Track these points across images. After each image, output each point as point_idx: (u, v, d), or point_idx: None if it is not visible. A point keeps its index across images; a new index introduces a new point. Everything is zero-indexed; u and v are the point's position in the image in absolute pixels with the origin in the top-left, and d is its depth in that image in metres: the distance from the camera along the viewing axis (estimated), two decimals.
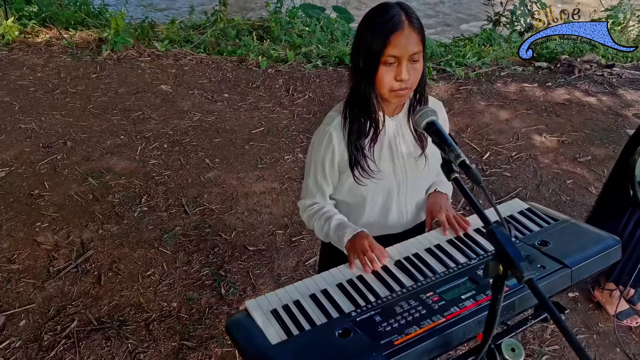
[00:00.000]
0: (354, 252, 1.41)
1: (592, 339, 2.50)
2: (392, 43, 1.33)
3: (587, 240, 1.44)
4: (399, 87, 1.39)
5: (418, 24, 1.37)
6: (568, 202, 3.49)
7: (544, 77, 5.47)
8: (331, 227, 1.54)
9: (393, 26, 1.33)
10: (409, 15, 1.36)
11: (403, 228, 1.66)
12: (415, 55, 1.37)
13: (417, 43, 1.36)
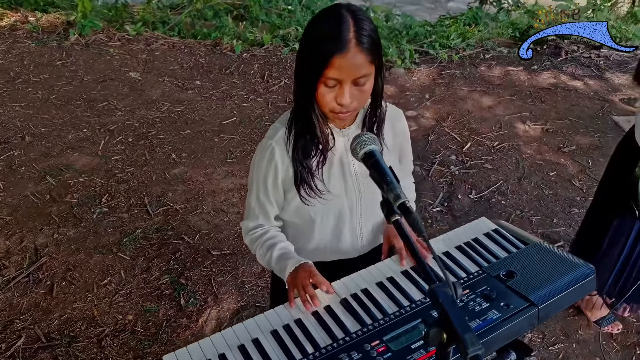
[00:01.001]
0: (294, 287, 1.25)
1: (572, 348, 2.38)
2: (334, 65, 1.13)
3: (558, 270, 1.28)
4: (339, 110, 1.20)
5: (369, 43, 1.15)
6: (551, 196, 3.34)
7: (531, 60, 5.26)
8: (273, 257, 1.37)
9: (335, 46, 1.12)
10: (359, 31, 1.14)
11: (358, 253, 1.48)
12: (361, 79, 1.17)
13: (365, 65, 1.16)
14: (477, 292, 1.22)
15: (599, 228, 2.19)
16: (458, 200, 3.32)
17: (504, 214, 3.20)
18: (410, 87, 4.73)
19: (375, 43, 1.18)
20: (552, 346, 2.37)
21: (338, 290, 1.26)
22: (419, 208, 3.26)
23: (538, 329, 2.45)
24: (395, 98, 4.54)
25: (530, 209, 3.23)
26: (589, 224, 2.33)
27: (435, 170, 3.60)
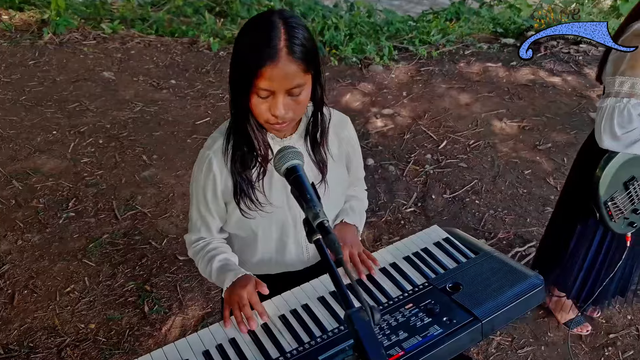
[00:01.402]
0: (229, 305, 1.20)
1: (540, 351, 2.35)
2: (264, 75, 1.08)
3: (506, 281, 1.24)
4: (275, 122, 1.15)
5: (302, 52, 1.09)
6: (525, 195, 3.31)
7: (509, 56, 5.24)
8: (213, 269, 1.32)
9: (265, 56, 1.07)
10: (290, 39, 1.08)
11: (304, 265, 1.44)
12: (295, 90, 1.12)
13: (298, 75, 1.10)
14: (420, 306, 1.18)
15: (563, 232, 2.16)
16: (432, 200, 3.29)
17: (477, 214, 3.17)
18: (388, 84, 4.69)
19: (310, 51, 1.12)
20: (521, 349, 2.34)
21: (278, 305, 1.22)
22: (392, 209, 3.22)
23: (506, 332, 2.42)
24: (373, 96, 4.49)
25: (504, 209, 3.20)
26: (554, 227, 2.30)
27: (410, 170, 3.56)
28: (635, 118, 1.71)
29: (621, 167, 1.82)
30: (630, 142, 1.74)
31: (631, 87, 1.69)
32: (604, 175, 1.81)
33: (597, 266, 2.11)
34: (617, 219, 1.89)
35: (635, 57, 1.68)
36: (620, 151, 1.79)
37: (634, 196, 1.88)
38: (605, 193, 1.84)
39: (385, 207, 3.24)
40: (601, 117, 1.76)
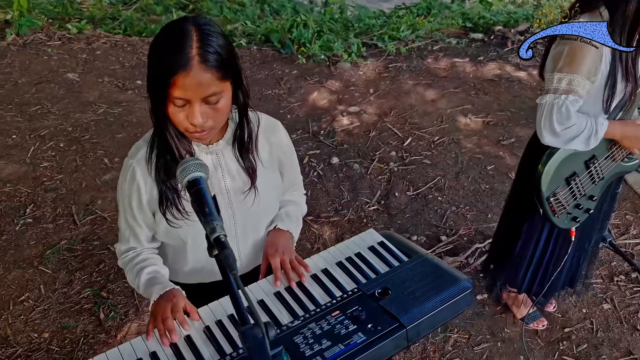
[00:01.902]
0: (154, 320, 1.18)
1: (496, 347, 2.37)
2: (177, 84, 1.06)
3: (435, 286, 1.24)
4: (194, 130, 1.13)
5: (216, 60, 1.07)
6: (487, 190, 3.33)
7: (477, 51, 5.26)
8: (141, 282, 1.29)
9: (177, 65, 1.04)
10: (204, 47, 1.06)
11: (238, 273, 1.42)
12: (211, 98, 1.10)
13: (214, 83, 1.08)
14: (347, 313, 1.18)
15: (512, 228, 2.17)
16: (395, 198, 3.29)
17: (439, 211, 3.18)
18: (356, 81, 4.68)
19: (226, 59, 1.10)
20: (477, 346, 2.36)
21: (203, 316, 1.20)
22: (356, 207, 3.22)
23: (464, 329, 2.43)
24: (340, 93, 4.48)
25: (466, 205, 3.22)
26: (504, 223, 2.31)
27: (375, 168, 3.56)
28: (574, 114, 1.72)
29: (562, 163, 1.83)
30: (570, 138, 1.75)
31: (569, 84, 1.70)
32: (545, 171, 1.83)
33: (545, 261, 2.13)
34: (560, 214, 1.91)
35: (572, 53, 1.69)
36: (560, 147, 1.80)
37: (576, 191, 1.89)
38: (548, 189, 1.85)
39: (348, 206, 3.23)
40: (541, 114, 1.77)
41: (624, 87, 1.74)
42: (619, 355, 2.32)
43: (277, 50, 5.24)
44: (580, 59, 1.67)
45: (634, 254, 2.84)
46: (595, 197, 1.93)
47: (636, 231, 2.99)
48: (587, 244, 2.23)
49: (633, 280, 2.68)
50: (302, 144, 3.80)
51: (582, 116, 1.75)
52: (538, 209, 1.92)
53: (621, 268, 2.74)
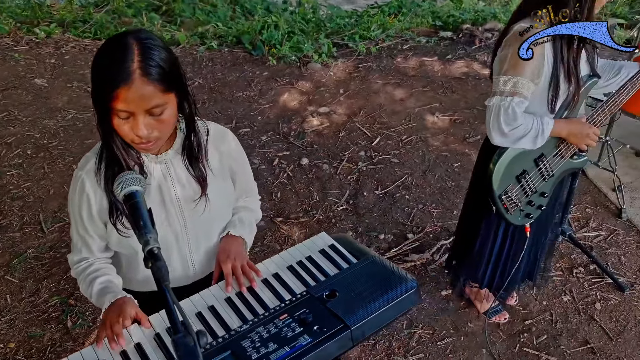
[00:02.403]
0: (103, 328, 1.20)
1: (460, 341, 2.43)
2: (119, 98, 1.08)
3: (381, 286, 1.28)
4: (139, 141, 1.16)
5: (159, 73, 1.10)
6: (453, 187, 3.40)
7: (446, 49, 5.34)
8: (93, 292, 1.32)
9: (119, 79, 1.07)
10: (145, 61, 1.08)
11: (191, 280, 1.45)
12: (155, 110, 1.12)
13: (157, 95, 1.11)
14: (294, 316, 1.21)
15: (470, 227, 2.23)
16: (363, 197, 3.34)
17: (406, 209, 3.23)
18: (326, 82, 4.72)
19: (168, 72, 1.13)
20: (441, 341, 2.42)
21: (155, 324, 1.23)
22: (325, 208, 3.25)
23: (428, 325, 2.49)
24: (310, 94, 4.51)
25: (432, 202, 3.28)
26: (463, 223, 2.37)
27: (344, 168, 3.60)
28: (520, 115, 1.78)
29: (512, 162, 1.90)
30: (517, 137, 1.82)
31: (514, 86, 1.76)
32: (496, 170, 1.89)
33: (503, 257, 2.19)
34: (513, 211, 1.97)
35: (515, 56, 1.75)
36: (509, 146, 1.87)
37: (527, 189, 1.96)
38: (499, 187, 1.91)
39: (317, 207, 3.27)
40: (489, 116, 1.83)
41: (567, 87, 1.81)
42: (577, 345, 2.40)
43: (249, 52, 5.25)
44: (523, 62, 1.73)
45: (593, 246, 2.93)
46: (546, 194, 2.00)
47: (596, 224, 3.09)
48: (544, 238, 2.30)
49: (591, 272, 2.76)
50: (273, 146, 3.83)
51: (529, 116, 1.81)
52: (493, 209, 1.98)
53: (580, 260, 2.83)
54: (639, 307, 2.57)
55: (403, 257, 2.87)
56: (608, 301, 2.60)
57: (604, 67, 2.04)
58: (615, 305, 2.58)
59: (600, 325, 2.48)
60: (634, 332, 2.45)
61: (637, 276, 2.74)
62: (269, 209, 3.25)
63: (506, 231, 2.14)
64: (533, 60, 1.72)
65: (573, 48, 1.77)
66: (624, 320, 2.51)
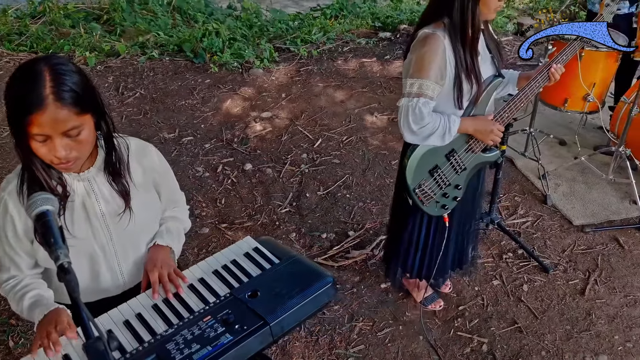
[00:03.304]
0: (39, 337, 1.25)
1: (398, 330, 2.56)
2: (34, 123, 1.13)
3: (299, 284, 1.37)
4: (59, 162, 1.21)
5: (72, 97, 1.15)
6: (391, 184, 3.53)
7: (384, 50, 5.51)
8: (24, 308, 1.36)
9: (32, 105, 1.12)
10: (57, 86, 1.14)
11: (122, 289, 1.50)
12: (71, 131, 1.18)
13: (71, 118, 1.16)
14: (217, 317, 1.29)
15: (399, 221, 2.36)
16: (306, 198, 3.44)
17: (347, 207, 3.35)
18: (268, 87, 4.79)
19: (82, 95, 1.18)
20: (380, 331, 2.54)
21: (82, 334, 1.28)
22: (269, 211, 3.33)
23: (368, 317, 2.61)
24: (253, 100, 4.58)
25: (372, 199, 3.41)
26: (391, 218, 2.50)
27: (287, 171, 3.69)
28: (427, 114, 1.91)
29: (424, 157, 2.03)
30: (426, 135, 1.95)
31: (419, 88, 1.89)
32: (409, 165, 2.02)
33: (429, 247, 2.33)
34: (428, 203, 2.11)
35: (419, 61, 1.88)
36: (420, 143, 2.00)
37: (440, 182, 2.10)
38: (413, 181, 2.05)
39: (261, 210, 3.35)
40: (400, 116, 1.96)
41: (470, 86, 1.95)
42: (506, 325, 2.57)
43: (190, 60, 5.27)
44: (427, 66, 1.87)
45: (521, 232, 3.12)
46: (460, 186, 2.14)
47: (523, 211, 3.29)
48: (468, 227, 2.45)
49: (519, 257, 2.95)
50: (217, 153, 3.88)
51: (436, 115, 1.94)
52: (409, 202, 2.12)
53: (509, 246, 3.01)
54: (561, 286, 2.77)
55: (345, 254, 2.98)
56: (534, 282, 2.79)
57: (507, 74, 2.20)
58: (541, 286, 2.77)
59: (527, 305, 2.66)
60: (557, 310, 2.64)
61: (561, 257, 2.95)
62: (214, 215, 3.30)
63: (429, 222, 2.28)
64: (435, 64, 1.86)
65: (468, 50, 1.90)
66: (548, 299, 2.70)
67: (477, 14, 1.87)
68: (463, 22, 1.87)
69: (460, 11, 1.86)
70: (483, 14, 1.90)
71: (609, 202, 3.31)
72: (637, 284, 2.77)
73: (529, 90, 2.11)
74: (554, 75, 2.08)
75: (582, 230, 3.11)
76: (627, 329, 2.53)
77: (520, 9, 7.76)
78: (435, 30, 1.90)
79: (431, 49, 1.89)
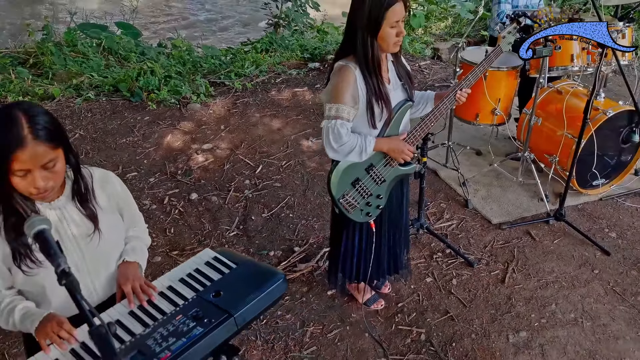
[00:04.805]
0: (44, 336, 1.42)
1: (345, 330, 2.81)
2: (18, 160, 1.33)
3: (255, 281, 1.61)
4: (37, 192, 1.40)
5: (46, 134, 1.36)
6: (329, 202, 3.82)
7: (314, 79, 5.88)
8: (16, 320, 1.51)
9: (15, 145, 1.32)
10: (33, 126, 1.34)
11: (95, 303, 1.68)
12: (49, 164, 1.38)
13: (48, 152, 1.37)
14: (188, 315, 1.50)
15: (335, 232, 2.65)
16: (252, 221, 3.66)
17: (291, 226, 3.61)
18: (207, 120, 5.01)
19: (54, 131, 1.39)
20: (330, 333, 2.79)
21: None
22: (217, 235, 3.53)
23: (318, 321, 2.85)
24: (193, 133, 4.78)
25: (314, 217, 3.69)
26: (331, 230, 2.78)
27: (231, 197, 3.90)
28: (345, 134, 2.22)
29: (345, 171, 2.35)
30: (346, 152, 2.27)
31: (336, 111, 2.21)
32: (332, 178, 2.33)
33: (363, 251, 2.62)
34: (353, 211, 2.42)
35: (335, 89, 2.21)
36: (341, 160, 2.31)
37: (363, 192, 2.41)
38: (337, 192, 2.36)
39: (210, 236, 3.54)
40: (323, 135, 2.26)
41: (380, 109, 2.28)
42: (439, 315, 2.89)
43: (127, 99, 5.41)
44: (342, 92, 2.19)
45: (448, 234, 3.49)
46: (381, 196, 2.46)
47: (449, 215, 3.67)
48: (398, 235, 2.75)
49: (448, 255, 3.31)
50: (162, 186, 4.04)
51: (354, 135, 2.26)
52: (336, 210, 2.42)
53: (438, 247, 3.37)
54: (485, 277, 3.14)
55: (292, 268, 3.23)
56: (462, 276, 3.14)
57: (416, 96, 2.54)
58: (467, 279, 3.13)
59: (457, 296, 3.00)
60: (482, 297, 3.00)
61: (483, 252, 3.33)
62: (164, 244, 3.46)
63: (360, 230, 2.58)
64: (348, 91, 2.18)
65: (374, 78, 2.23)
66: (474, 289, 3.05)
67: (375, 48, 2.20)
68: (365, 55, 2.20)
69: (362, 46, 2.19)
70: (382, 49, 2.24)
71: (521, 202, 3.76)
72: (547, 269, 3.19)
73: (437, 112, 2.45)
74: (460, 99, 2.45)
75: (500, 228, 3.52)
76: (541, 308, 2.92)
77: (436, 34, 8.46)
78: (348, 63, 2.23)
79: (344, 78, 2.21)
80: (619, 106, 3.53)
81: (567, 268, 3.19)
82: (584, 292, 3.02)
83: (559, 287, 3.05)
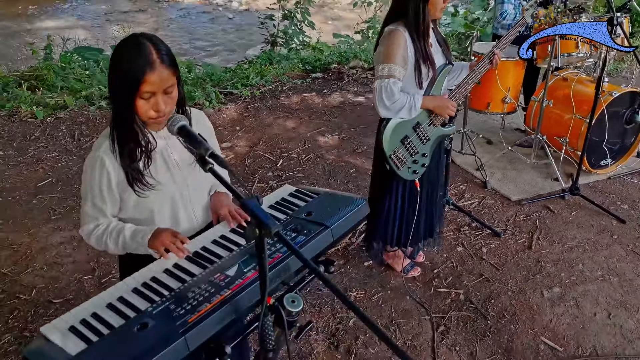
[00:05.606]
0: (161, 245, 1.52)
1: (387, 294, 2.92)
2: (146, 81, 1.45)
3: (340, 204, 1.73)
4: (157, 116, 1.53)
5: (169, 60, 1.49)
6: (354, 188, 3.98)
7: (320, 86, 6.10)
8: (127, 237, 1.60)
9: (144, 66, 1.44)
10: (159, 52, 1.47)
11: (195, 231, 1.78)
12: (169, 88, 1.51)
13: (170, 77, 1.50)
14: (287, 229, 1.62)
15: (377, 196, 2.80)
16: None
17: None
18: (221, 123, 5.16)
19: (173, 59, 1.54)
20: (372, 297, 2.89)
21: None
22: None
23: (360, 288, 2.96)
24: None
25: None
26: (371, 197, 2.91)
27: (256, 187, 4.02)
28: (397, 92, 2.41)
29: (396, 129, 2.52)
30: (397, 109, 2.45)
31: (389, 71, 2.40)
32: (384, 135, 2.50)
33: (405, 214, 2.77)
34: (402, 167, 2.58)
35: (386, 50, 2.40)
36: (392, 117, 2.48)
37: (410, 149, 2.58)
38: (389, 148, 2.52)
39: None
40: (375, 95, 2.44)
41: (427, 70, 2.47)
42: (474, 278, 3.02)
43: None
44: (393, 53, 2.38)
45: (471, 210, 3.66)
46: (426, 154, 2.63)
47: (469, 195, 3.84)
48: (435, 196, 2.91)
49: (474, 228, 3.46)
50: None
51: (404, 94, 2.45)
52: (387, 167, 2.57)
53: (464, 221, 3.53)
54: (512, 245, 3.30)
55: None
56: (490, 245, 3.30)
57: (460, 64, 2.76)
58: (496, 247, 3.28)
59: (489, 262, 3.15)
60: (513, 262, 3.15)
61: (507, 225, 3.50)
62: None
63: (403, 190, 2.73)
64: (399, 51, 2.37)
65: (422, 41, 2.43)
66: (504, 255, 3.21)
67: (426, 13, 2.41)
68: (417, 20, 2.40)
69: (415, 11, 2.40)
70: (431, 13, 2.45)
71: (536, 181, 3.97)
72: (570, 236, 3.36)
73: (474, 75, 2.67)
74: (496, 60, 2.67)
75: (519, 204, 3.71)
76: (569, 268, 3.08)
77: None
78: (398, 27, 2.43)
79: (395, 41, 2.41)
80: (622, 89, 3.79)
81: (588, 235, 3.38)
82: (607, 254, 3.19)
83: (583, 250, 3.23)
